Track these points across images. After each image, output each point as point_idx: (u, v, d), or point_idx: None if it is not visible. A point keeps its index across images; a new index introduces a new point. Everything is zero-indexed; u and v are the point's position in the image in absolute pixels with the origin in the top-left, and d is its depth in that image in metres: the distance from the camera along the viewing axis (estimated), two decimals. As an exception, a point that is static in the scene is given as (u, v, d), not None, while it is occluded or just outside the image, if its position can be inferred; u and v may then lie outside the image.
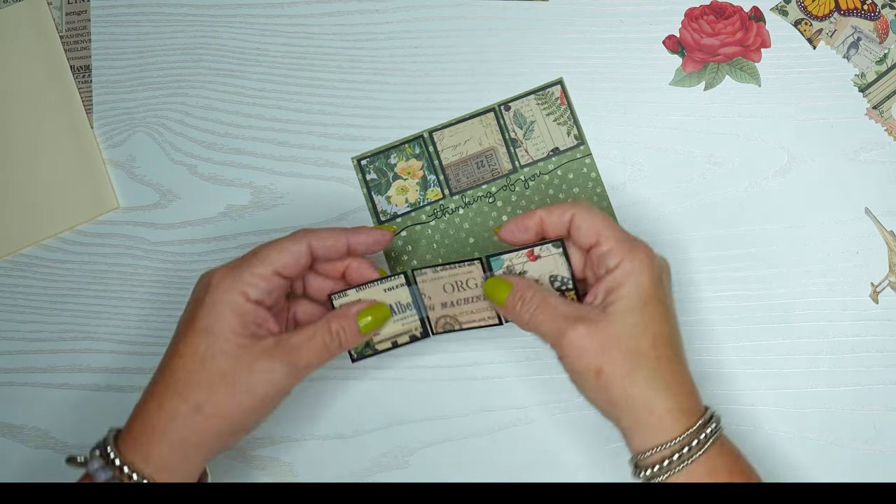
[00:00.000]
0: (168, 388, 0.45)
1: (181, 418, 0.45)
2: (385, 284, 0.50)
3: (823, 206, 0.57)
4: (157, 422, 0.45)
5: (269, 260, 0.47)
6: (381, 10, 0.60)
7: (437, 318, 0.52)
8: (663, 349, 0.44)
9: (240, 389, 0.45)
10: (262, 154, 0.59)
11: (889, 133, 0.58)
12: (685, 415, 0.44)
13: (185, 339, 0.46)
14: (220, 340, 0.45)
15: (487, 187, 0.58)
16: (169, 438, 0.45)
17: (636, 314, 0.45)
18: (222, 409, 0.45)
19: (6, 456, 0.57)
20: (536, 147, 0.57)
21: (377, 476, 0.56)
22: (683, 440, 0.43)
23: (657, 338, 0.44)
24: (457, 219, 0.57)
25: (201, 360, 0.45)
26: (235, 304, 0.46)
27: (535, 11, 0.59)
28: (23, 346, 0.58)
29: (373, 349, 0.52)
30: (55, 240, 0.59)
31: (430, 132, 0.58)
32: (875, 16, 0.59)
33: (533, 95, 0.58)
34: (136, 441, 0.45)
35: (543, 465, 0.56)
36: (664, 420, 0.43)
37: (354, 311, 0.49)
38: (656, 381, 0.44)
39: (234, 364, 0.45)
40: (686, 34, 0.59)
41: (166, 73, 0.60)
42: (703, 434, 0.43)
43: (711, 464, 0.43)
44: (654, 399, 0.44)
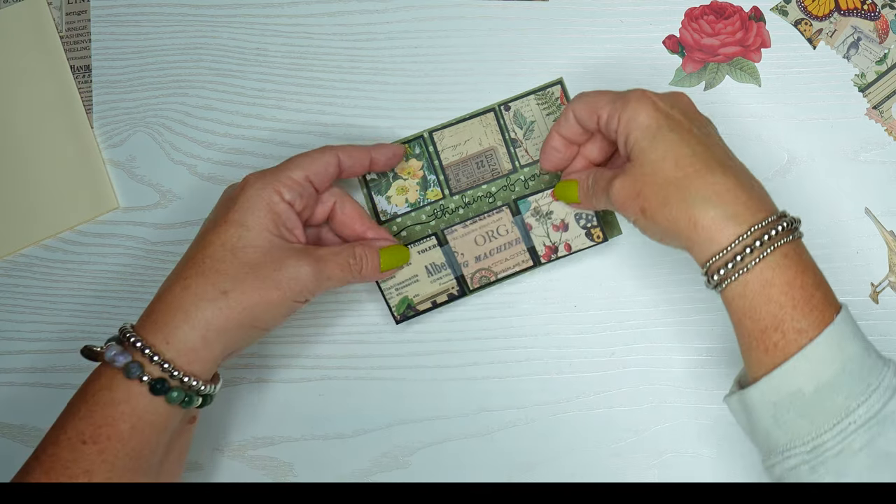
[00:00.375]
0: (195, 273, 0.46)
1: (207, 300, 0.45)
2: (418, 247, 0.54)
3: (823, 206, 0.57)
4: (181, 302, 0.45)
5: (301, 166, 0.49)
6: (381, 10, 0.60)
7: (471, 273, 0.54)
8: (688, 167, 0.44)
9: (266, 282, 0.46)
10: (262, 154, 0.59)
11: (889, 133, 0.58)
12: (732, 221, 0.43)
13: (216, 230, 0.47)
14: (252, 233, 0.47)
15: (487, 187, 0.58)
16: (192, 319, 0.45)
17: (650, 150, 0.45)
18: (248, 299, 0.45)
19: (6, 456, 0.57)
20: (536, 147, 0.57)
21: (377, 476, 0.56)
22: (736, 248, 0.42)
23: (678, 159, 0.44)
24: (457, 219, 0.57)
25: (232, 250, 0.46)
26: (271, 201, 0.47)
27: (535, 11, 0.59)
28: (23, 346, 0.58)
29: (414, 310, 0.54)
30: (55, 240, 0.59)
31: (430, 132, 0.58)
32: (875, 16, 0.59)
33: (533, 95, 0.58)
34: (156, 323, 0.45)
35: (543, 466, 0.56)
36: (711, 230, 0.43)
37: (378, 245, 0.52)
38: (690, 197, 0.44)
39: (263, 257, 0.46)
40: (686, 34, 0.59)
41: (166, 73, 0.60)
42: (759, 241, 0.42)
43: (770, 273, 0.42)
44: (694, 214, 0.43)
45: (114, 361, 0.44)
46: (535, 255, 0.55)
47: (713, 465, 0.55)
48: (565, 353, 0.57)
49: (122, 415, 0.43)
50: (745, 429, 0.45)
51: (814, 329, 0.42)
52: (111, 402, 0.43)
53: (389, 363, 0.57)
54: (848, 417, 0.40)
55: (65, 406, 0.45)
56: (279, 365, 0.57)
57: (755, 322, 0.43)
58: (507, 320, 0.57)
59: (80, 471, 0.42)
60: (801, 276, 0.43)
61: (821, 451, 0.41)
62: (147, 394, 0.44)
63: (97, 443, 0.43)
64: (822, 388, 0.41)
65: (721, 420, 0.55)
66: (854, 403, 0.41)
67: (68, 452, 0.43)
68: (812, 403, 0.41)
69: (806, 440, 0.41)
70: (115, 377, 0.44)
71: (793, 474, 0.42)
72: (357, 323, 0.57)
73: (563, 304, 0.57)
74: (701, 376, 0.56)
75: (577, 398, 0.56)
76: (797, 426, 0.41)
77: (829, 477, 0.40)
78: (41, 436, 0.56)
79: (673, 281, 0.57)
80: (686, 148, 0.45)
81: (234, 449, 0.56)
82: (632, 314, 0.57)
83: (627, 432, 0.56)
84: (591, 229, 0.54)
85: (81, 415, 0.43)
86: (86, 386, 0.45)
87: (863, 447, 0.40)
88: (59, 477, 0.42)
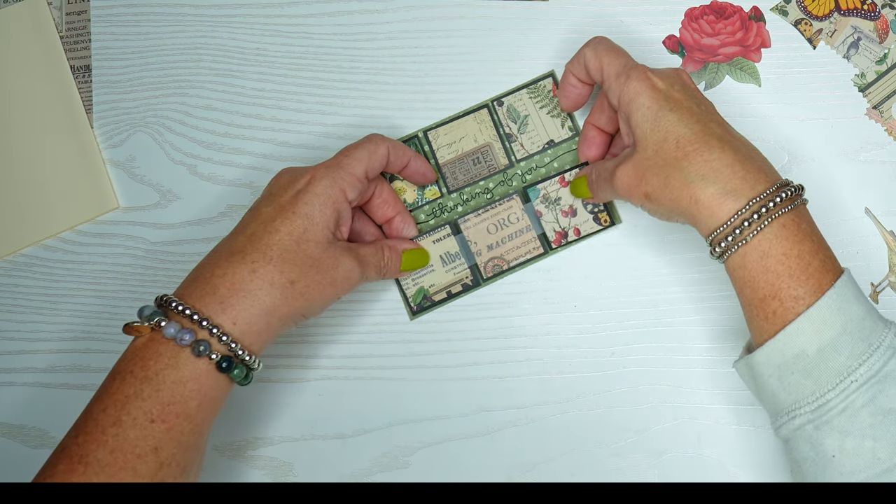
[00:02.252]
0: (263, 258, 0.46)
1: (276, 288, 0.46)
2: (433, 236, 0.55)
3: (823, 206, 0.57)
4: (249, 286, 0.45)
5: (361, 161, 0.50)
6: (381, 10, 0.60)
7: (484, 262, 0.56)
8: (688, 146, 0.45)
9: (326, 278, 0.48)
10: (262, 154, 0.59)
11: (889, 133, 0.58)
12: (731, 196, 0.44)
13: (283, 219, 0.47)
14: (316, 228, 0.48)
15: (485, 183, 0.58)
16: (261, 304, 0.45)
17: (651, 133, 0.47)
18: (310, 292, 0.47)
19: (6, 456, 0.57)
20: (531, 141, 0.58)
21: (377, 476, 0.56)
22: (735, 222, 0.44)
23: (679, 139, 0.46)
24: (456, 216, 0.57)
25: (297, 242, 0.47)
26: (336, 199, 0.49)
27: (535, 11, 0.59)
28: (23, 346, 0.58)
29: (430, 300, 0.56)
30: (55, 240, 0.59)
31: (425, 131, 0.58)
32: (875, 16, 0.59)
33: (525, 90, 0.58)
34: (223, 303, 0.45)
35: (543, 466, 0.56)
36: (711, 206, 0.44)
37: (401, 248, 0.54)
38: (690, 175, 0.45)
39: (322, 254, 0.48)
40: (686, 34, 0.59)
41: (166, 73, 0.60)
42: (757, 213, 0.43)
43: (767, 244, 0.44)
44: (694, 191, 0.45)
45: (179, 340, 0.44)
46: (545, 242, 0.56)
47: (713, 465, 0.55)
48: (565, 353, 0.57)
49: (190, 392, 0.44)
50: (753, 392, 0.47)
51: (810, 296, 0.43)
52: (179, 380, 0.44)
53: (389, 363, 0.57)
54: (850, 376, 0.41)
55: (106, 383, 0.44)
56: (279, 365, 0.57)
57: (755, 291, 0.44)
58: (507, 320, 0.57)
59: (149, 448, 0.43)
60: (798, 246, 0.44)
61: (825, 410, 0.42)
62: (213, 371, 0.45)
63: (166, 421, 0.43)
64: (824, 348, 0.42)
65: (721, 420, 0.55)
66: (856, 363, 0.42)
67: (135, 431, 0.43)
68: (815, 364, 0.42)
69: (810, 400, 0.42)
70: (180, 355, 0.44)
71: (798, 434, 0.43)
72: (357, 323, 0.57)
73: (563, 304, 0.57)
74: (701, 376, 0.56)
75: (577, 398, 0.56)
76: (801, 387, 0.43)
77: (834, 435, 0.42)
78: (41, 435, 0.57)
79: (673, 281, 0.57)
80: (685, 128, 0.46)
81: (234, 449, 0.56)
82: (632, 314, 0.57)
83: (627, 432, 0.56)
84: (598, 214, 0.57)
85: (146, 395, 0.43)
86: (141, 364, 0.44)
87: (865, 405, 0.41)
88: (127, 456, 0.42)
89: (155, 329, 0.44)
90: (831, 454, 0.42)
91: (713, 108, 0.49)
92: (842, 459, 0.41)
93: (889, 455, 0.41)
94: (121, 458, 0.42)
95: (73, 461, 0.42)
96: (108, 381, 0.44)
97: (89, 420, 0.43)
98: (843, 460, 0.41)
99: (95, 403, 0.44)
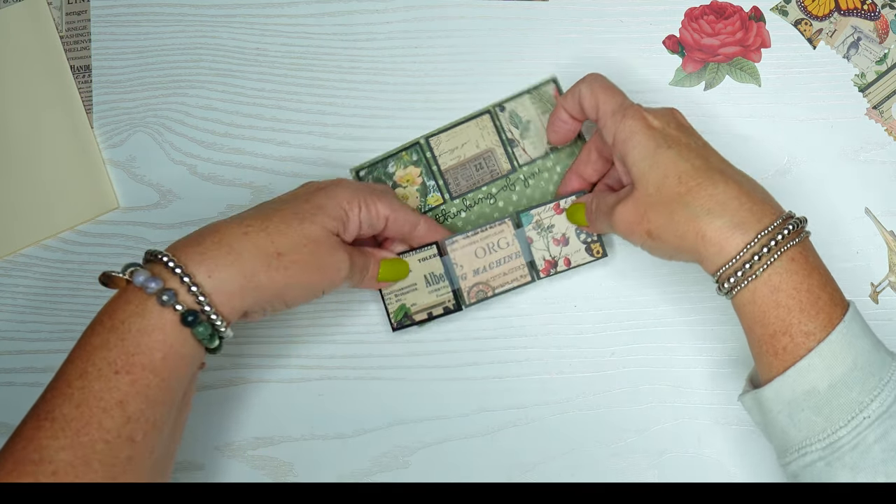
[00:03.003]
0: (259, 226, 0.46)
1: (262, 254, 0.45)
2: (419, 255, 0.54)
3: (823, 206, 0.57)
4: (237, 244, 0.44)
5: (389, 207, 0.51)
6: (381, 10, 0.60)
7: (469, 287, 0.54)
8: (691, 181, 0.45)
9: (316, 260, 0.47)
10: (262, 154, 0.59)
11: (889, 133, 0.58)
12: (738, 229, 0.43)
13: (295, 202, 0.48)
14: (323, 215, 0.48)
15: (488, 189, 0.57)
16: (242, 264, 0.44)
17: (650, 171, 0.46)
18: (294, 267, 0.46)
19: (6, 456, 0.57)
20: (534, 145, 0.57)
21: (377, 476, 0.56)
22: (744, 256, 0.43)
23: (680, 175, 0.45)
24: (459, 223, 0.57)
25: (300, 219, 0.47)
26: (350, 208, 0.49)
27: (535, 11, 0.59)
28: (23, 346, 0.58)
29: (411, 319, 0.55)
30: (55, 240, 0.59)
31: (427, 138, 0.58)
32: (875, 16, 0.59)
33: (527, 95, 0.58)
34: (203, 254, 0.44)
35: (543, 466, 0.56)
36: (719, 241, 0.43)
37: (380, 257, 0.53)
38: (694, 211, 0.44)
39: (321, 238, 0.47)
40: (686, 34, 0.59)
41: (166, 73, 0.60)
42: (766, 247, 0.43)
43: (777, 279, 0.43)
44: (700, 226, 0.44)
45: (146, 287, 0.42)
46: (533, 270, 0.55)
47: (713, 465, 0.55)
48: (565, 353, 0.57)
49: (155, 343, 0.42)
50: (760, 426, 0.46)
51: (821, 331, 0.42)
52: (144, 329, 0.42)
53: (389, 363, 0.57)
54: (862, 413, 0.41)
55: (79, 338, 0.43)
56: (279, 365, 0.57)
57: (765, 327, 0.43)
58: (507, 320, 0.57)
59: (114, 402, 0.41)
60: (808, 280, 0.43)
61: (837, 447, 0.41)
62: (178, 324, 0.43)
63: (130, 373, 0.41)
64: (835, 384, 0.41)
65: (721, 420, 0.55)
66: (867, 398, 0.41)
67: (100, 383, 0.41)
68: (826, 400, 0.42)
69: (821, 437, 0.42)
70: (147, 303, 0.42)
71: (808, 471, 0.42)
72: (357, 323, 0.57)
73: (563, 304, 0.57)
74: (701, 376, 0.56)
75: (577, 398, 0.56)
76: (812, 423, 0.42)
77: (845, 472, 0.41)
78: (41, 436, 0.57)
79: (673, 281, 0.57)
80: (686, 163, 0.45)
81: (234, 449, 0.56)
82: (632, 314, 0.57)
83: (627, 432, 0.56)
84: (591, 244, 0.55)
85: (111, 344, 0.42)
86: (110, 313, 0.43)
87: (877, 440, 0.41)
88: (93, 409, 0.41)
89: (129, 280, 0.43)
90: None
91: (708, 144, 0.48)
92: None
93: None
94: (87, 412, 0.41)
95: (39, 418, 0.41)
96: (81, 336, 0.43)
97: (58, 376, 0.42)
98: None
99: (67, 359, 0.43)
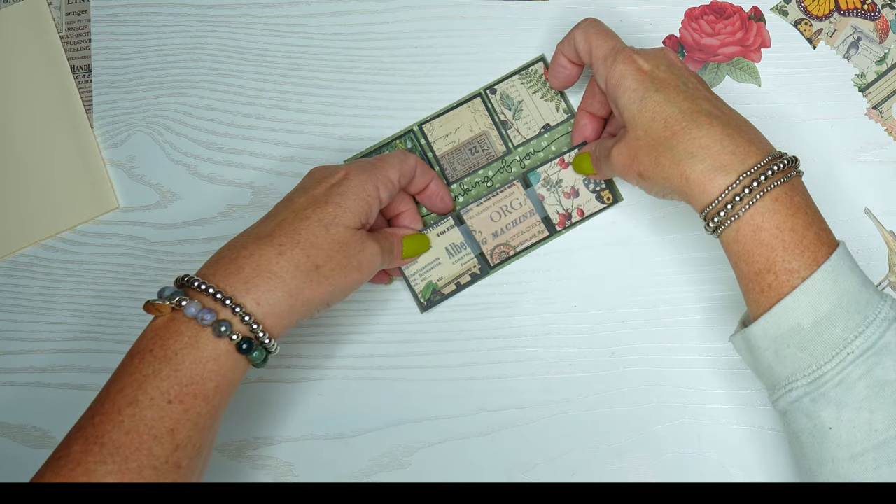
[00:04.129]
0: (290, 242, 0.46)
1: (302, 271, 0.46)
2: (437, 228, 0.56)
3: (823, 206, 0.57)
4: (276, 268, 0.45)
5: (394, 166, 0.52)
6: (381, 10, 0.60)
7: (490, 250, 0.56)
8: (676, 125, 0.46)
9: (352, 262, 0.48)
10: (262, 154, 0.59)
11: (889, 133, 0.58)
12: (721, 171, 0.44)
13: (316, 208, 0.48)
14: (346, 214, 0.48)
15: (484, 172, 0.58)
16: (287, 286, 0.45)
17: (639, 114, 0.47)
18: (334, 275, 0.47)
19: (6, 456, 0.57)
20: (527, 126, 0.58)
21: (377, 476, 0.56)
22: (726, 197, 0.44)
23: (667, 119, 0.46)
24: (458, 206, 0.57)
25: (326, 227, 0.47)
26: (369, 195, 0.49)
27: (535, 11, 0.59)
28: (23, 346, 0.58)
29: (440, 294, 0.56)
30: (55, 240, 0.59)
31: (420, 125, 0.58)
32: (875, 16, 0.59)
33: (517, 76, 0.58)
34: (247, 283, 0.45)
35: (543, 466, 0.56)
36: (702, 183, 0.44)
37: (401, 234, 0.54)
38: (678, 154, 0.45)
39: (350, 237, 0.48)
40: (686, 34, 0.59)
41: (166, 73, 0.60)
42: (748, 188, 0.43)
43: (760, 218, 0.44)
44: (684, 169, 0.45)
45: (200, 319, 0.43)
46: (549, 225, 0.57)
47: (713, 465, 0.55)
48: (565, 353, 0.57)
49: (209, 373, 0.43)
50: (750, 365, 0.47)
51: (805, 269, 0.43)
52: (198, 360, 0.43)
53: (389, 363, 0.57)
54: (846, 349, 0.41)
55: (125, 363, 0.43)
56: (279, 365, 0.57)
57: (749, 265, 0.44)
58: (507, 320, 0.57)
59: (165, 430, 0.42)
60: (792, 219, 0.44)
61: (821, 383, 0.42)
62: (233, 352, 0.44)
63: (183, 402, 0.43)
64: (820, 321, 0.42)
65: (721, 420, 0.55)
66: (851, 335, 0.42)
67: (152, 412, 0.42)
68: (811, 336, 0.42)
69: (806, 372, 0.42)
70: (200, 334, 0.43)
71: (796, 406, 0.43)
72: (357, 323, 0.57)
73: (564, 304, 0.57)
74: (701, 376, 0.56)
75: (577, 398, 0.56)
76: (797, 359, 0.43)
77: (830, 407, 0.42)
78: (41, 435, 0.57)
79: (673, 281, 0.57)
80: (672, 107, 0.46)
81: (234, 449, 0.56)
82: (632, 314, 0.57)
83: (627, 432, 0.56)
84: (601, 192, 0.57)
85: (164, 374, 0.43)
86: (160, 343, 0.43)
87: (861, 377, 0.41)
88: (143, 437, 0.42)
89: (176, 308, 0.44)
90: (828, 426, 0.42)
91: (702, 83, 0.49)
92: (839, 431, 0.41)
93: (886, 426, 0.41)
94: (136, 439, 0.42)
95: (88, 441, 0.42)
96: (126, 361, 0.44)
97: (106, 400, 0.43)
98: (841, 432, 0.41)
99: (112, 384, 0.43)
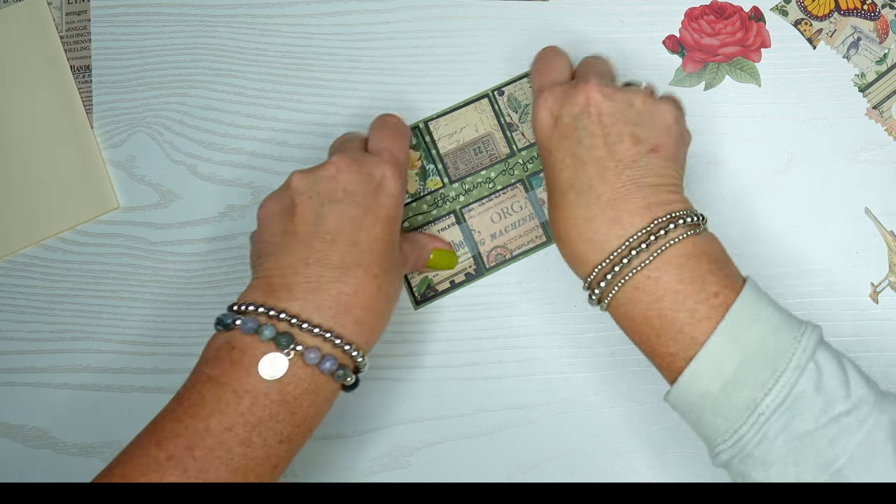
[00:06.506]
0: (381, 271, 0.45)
1: (392, 301, 0.47)
2: (437, 226, 0.56)
3: (823, 206, 0.57)
4: (377, 304, 0.45)
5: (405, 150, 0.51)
6: (381, 10, 0.60)
7: (487, 252, 0.57)
8: (555, 196, 0.46)
9: (401, 274, 0.49)
10: (262, 154, 0.59)
11: (889, 133, 0.58)
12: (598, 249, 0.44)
13: (376, 223, 0.46)
14: (396, 227, 0.48)
15: (486, 172, 0.58)
16: (385, 320, 0.46)
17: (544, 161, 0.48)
18: (392, 274, 0.47)
19: (6, 456, 0.57)
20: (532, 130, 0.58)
21: (377, 476, 0.56)
22: (605, 267, 0.44)
23: (553, 190, 0.47)
24: (458, 206, 0.57)
25: (391, 246, 0.47)
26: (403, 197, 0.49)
27: (535, 11, 0.59)
28: (23, 346, 0.58)
29: (434, 290, 0.56)
30: (55, 240, 0.59)
31: (426, 122, 0.58)
32: (875, 16, 0.59)
33: (526, 79, 0.58)
34: (360, 324, 0.44)
35: (543, 466, 0.56)
36: (575, 266, 0.46)
37: (432, 247, 0.55)
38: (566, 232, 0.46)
39: (397, 253, 0.48)
40: (686, 34, 0.59)
41: (166, 73, 0.60)
42: (602, 281, 0.44)
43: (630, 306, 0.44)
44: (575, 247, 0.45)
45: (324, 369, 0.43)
46: (547, 231, 0.57)
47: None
48: (565, 353, 0.57)
49: (320, 415, 0.45)
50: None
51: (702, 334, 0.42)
52: (314, 404, 0.44)
53: (389, 363, 0.57)
54: (756, 409, 0.41)
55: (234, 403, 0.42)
56: (279, 365, 0.57)
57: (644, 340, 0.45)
58: (507, 320, 0.57)
59: (270, 467, 0.43)
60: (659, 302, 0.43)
61: (742, 445, 0.41)
62: (339, 388, 0.45)
63: (292, 441, 0.44)
64: (727, 385, 0.41)
65: (721, 420, 0.55)
66: (760, 394, 0.41)
67: (263, 451, 0.43)
68: (721, 402, 0.41)
69: (726, 436, 0.42)
70: (319, 379, 0.43)
71: (729, 467, 0.43)
72: (357, 323, 0.57)
73: (564, 304, 0.57)
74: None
75: (577, 398, 0.56)
76: (715, 424, 0.42)
77: (757, 466, 0.41)
78: (41, 435, 0.57)
79: (673, 281, 0.57)
80: (557, 175, 0.46)
81: (234, 449, 0.56)
82: (632, 314, 0.57)
83: (627, 432, 0.56)
84: None
85: (280, 417, 0.43)
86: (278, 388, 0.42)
87: (778, 433, 0.40)
88: (248, 475, 0.42)
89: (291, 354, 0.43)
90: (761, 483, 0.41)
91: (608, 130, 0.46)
92: None
93: (814, 476, 0.40)
94: (241, 476, 0.42)
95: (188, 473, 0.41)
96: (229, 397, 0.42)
97: (207, 436, 0.41)
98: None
99: (214, 419, 0.42)
